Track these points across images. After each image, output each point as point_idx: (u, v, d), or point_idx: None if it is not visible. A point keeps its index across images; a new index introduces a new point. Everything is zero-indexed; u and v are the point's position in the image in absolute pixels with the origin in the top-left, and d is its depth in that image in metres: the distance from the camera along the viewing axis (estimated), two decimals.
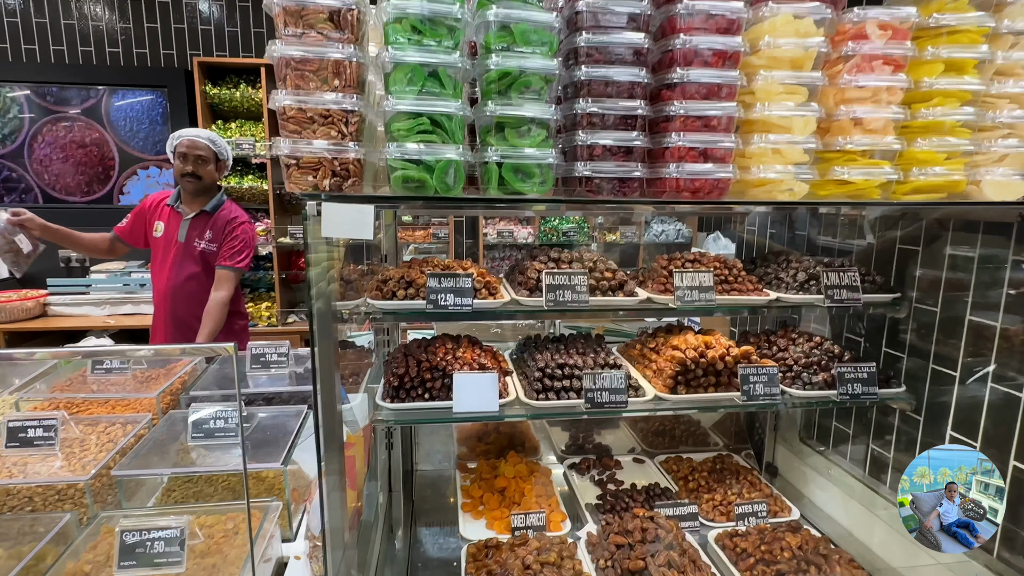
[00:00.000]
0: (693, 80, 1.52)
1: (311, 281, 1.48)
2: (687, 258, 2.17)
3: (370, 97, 1.59)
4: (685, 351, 1.99)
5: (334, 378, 1.58)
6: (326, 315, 1.54)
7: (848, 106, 1.61)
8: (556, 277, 1.86)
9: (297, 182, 1.43)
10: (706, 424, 2.89)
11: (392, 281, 1.94)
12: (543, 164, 1.56)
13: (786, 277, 2.23)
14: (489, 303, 1.86)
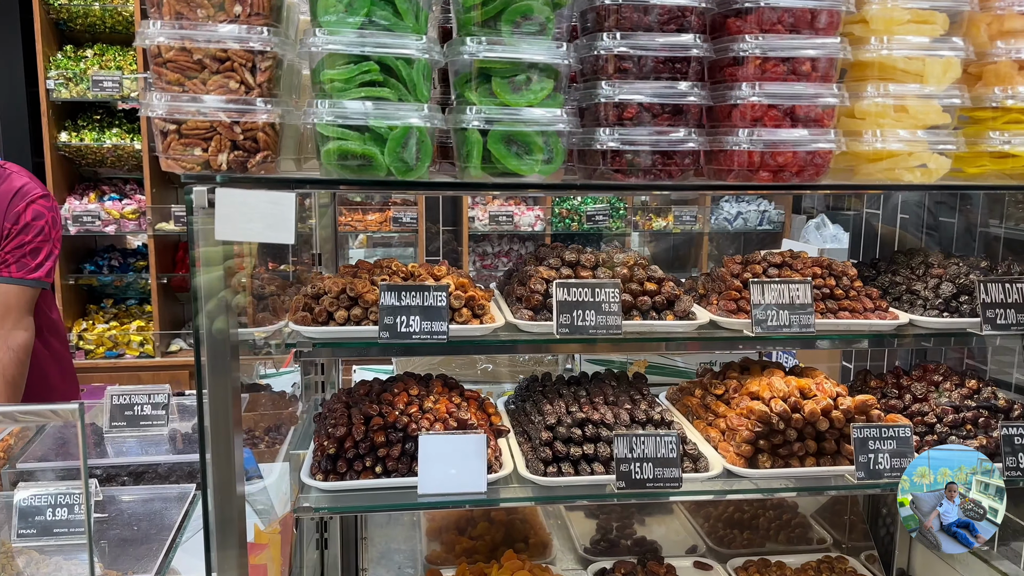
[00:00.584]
0: (774, 2, 1.55)
1: (198, 298, 1.51)
2: (771, 261, 2.19)
3: (290, 29, 1.62)
4: (770, 402, 2.01)
5: (232, 442, 1.61)
6: (222, 348, 1.56)
7: (1009, 42, 1.64)
8: (573, 291, 1.89)
9: (178, 157, 1.46)
10: (805, 511, 2.90)
11: (328, 297, 1.96)
12: (549, 132, 1.59)
13: (924, 290, 2.25)
14: (473, 330, 1.89)
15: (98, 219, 5.11)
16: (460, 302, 1.95)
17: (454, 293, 1.94)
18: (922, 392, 2.25)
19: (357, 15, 1.45)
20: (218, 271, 1.54)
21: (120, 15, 5.00)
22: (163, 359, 5.20)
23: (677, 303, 2.00)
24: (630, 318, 1.94)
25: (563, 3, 1.58)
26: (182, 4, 1.40)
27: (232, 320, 1.58)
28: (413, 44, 1.49)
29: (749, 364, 2.41)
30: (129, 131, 5.16)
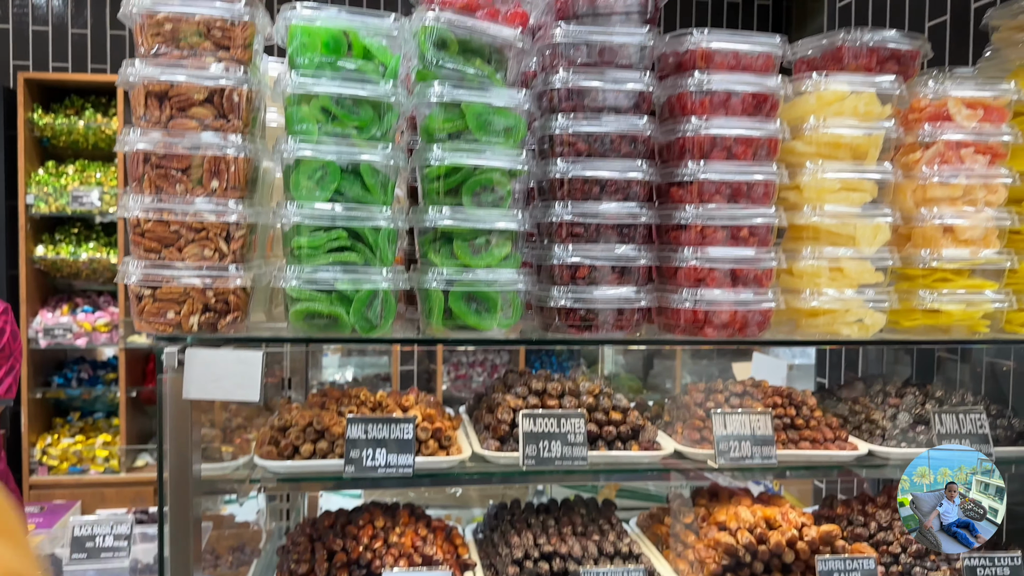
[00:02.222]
0: (712, 177, 1.70)
1: (163, 445, 1.57)
2: (733, 390, 2.29)
3: (264, 192, 1.75)
4: (736, 532, 2.05)
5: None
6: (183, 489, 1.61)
7: (932, 208, 1.80)
8: (539, 422, 1.94)
9: (152, 320, 1.55)
10: None
11: (295, 430, 2.02)
12: (508, 291, 1.71)
13: (882, 420, 2.35)
14: (439, 462, 1.94)
15: (69, 332, 5.15)
16: (427, 434, 2.00)
17: (421, 425, 2.00)
18: (887, 520, 2.29)
19: (327, 190, 1.58)
20: (185, 421, 1.61)
21: (103, 132, 5.19)
22: (128, 475, 5.14)
23: (642, 433, 2.06)
24: (596, 448, 2.00)
25: (519, 174, 1.72)
26: (162, 179, 1.53)
27: (196, 457, 1.63)
28: (380, 215, 1.61)
29: (718, 490, 2.46)
30: (106, 244, 5.26)
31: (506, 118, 1.69)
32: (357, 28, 1.58)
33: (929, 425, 2.15)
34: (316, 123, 1.58)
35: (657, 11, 1.75)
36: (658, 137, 1.80)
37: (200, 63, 1.51)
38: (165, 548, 1.63)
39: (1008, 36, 2.22)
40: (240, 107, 1.54)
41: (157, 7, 1.48)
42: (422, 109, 1.68)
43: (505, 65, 1.73)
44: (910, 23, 3.53)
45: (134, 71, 1.49)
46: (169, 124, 1.52)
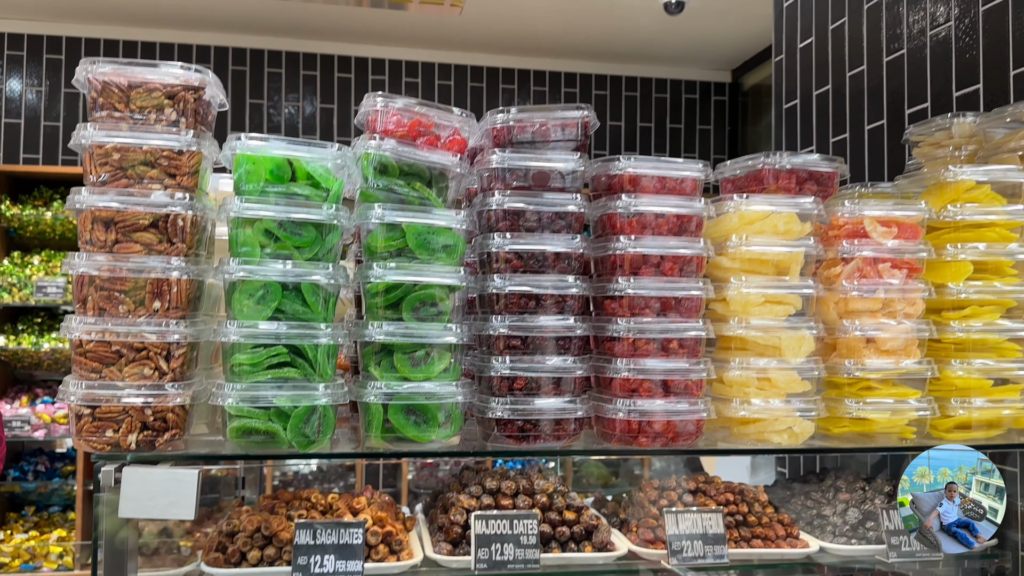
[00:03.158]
0: (642, 292, 1.78)
1: (96, 562, 1.56)
2: (686, 487, 2.32)
3: (211, 306, 1.80)
4: None
5: None
6: None
7: (854, 320, 1.88)
8: (491, 524, 1.93)
9: (90, 439, 1.57)
10: None
11: (242, 536, 2.01)
12: (448, 402, 1.75)
13: (832, 515, 2.38)
14: (389, 568, 1.93)
15: (28, 424, 5.08)
16: (377, 538, 2.00)
17: (371, 529, 2.00)
18: None
19: (268, 308, 1.64)
20: (123, 536, 1.61)
21: (71, 223, 5.24)
22: (82, 571, 5.00)
23: (595, 534, 2.07)
24: (549, 549, 2.01)
25: (458, 289, 1.79)
26: (106, 301, 1.57)
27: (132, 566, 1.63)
28: (320, 332, 1.66)
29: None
30: None
31: (445, 236, 1.77)
32: (300, 156, 1.67)
33: (878, 522, 2.19)
34: (259, 245, 1.64)
35: (587, 139, 1.86)
36: (591, 253, 1.88)
37: (146, 190, 1.58)
38: None
39: (927, 152, 2.36)
40: (184, 231, 1.60)
41: (106, 139, 1.56)
42: (365, 228, 1.75)
43: (445, 187, 1.82)
44: (850, 126, 3.73)
45: (81, 199, 1.55)
46: (114, 248, 1.57)
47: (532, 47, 6.66)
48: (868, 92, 3.63)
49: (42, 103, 5.89)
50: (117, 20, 5.97)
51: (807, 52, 4.08)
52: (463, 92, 6.73)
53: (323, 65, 6.52)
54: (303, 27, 6.22)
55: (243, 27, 6.20)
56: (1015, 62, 2.79)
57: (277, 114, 6.44)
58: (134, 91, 1.57)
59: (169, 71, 1.59)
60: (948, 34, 3.12)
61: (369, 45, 6.56)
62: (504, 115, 1.83)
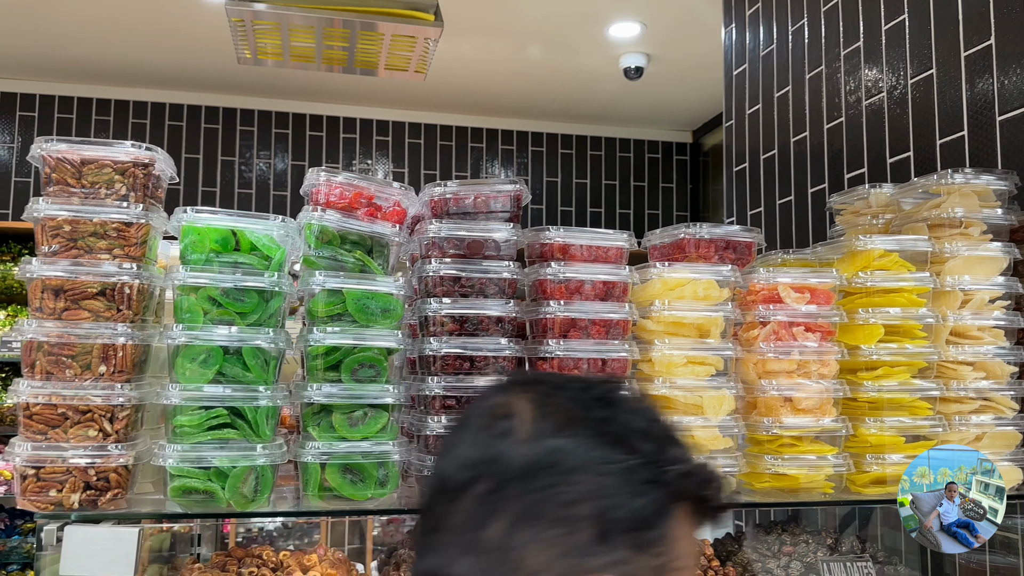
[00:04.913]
0: (571, 354, 1.89)
1: None
2: None
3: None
4: None
5: None
6: None
7: (771, 380, 2.00)
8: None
9: (34, 499, 1.63)
10: None
11: None
12: (385, 461, 1.83)
13: (776, 568, 2.46)
14: None
15: None
16: None
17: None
18: None
19: (210, 372, 1.72)
20: None
21: None
22: None
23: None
24: None
25: (396, 350, 1.88)
26: (53, 365, 1.65)
27: None
28: (260, 393, 1.75)
29: None
30: None
31: (384, 301, 1.87)
32: (244, 227, 1.77)
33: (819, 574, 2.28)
34: (202, 311, 1.73)
35: (519, 210, 1.99)
36: (525, 316, 1.99)
37: (95, 260, 1.67)
38: None
39: (849, 219, 2.52)
40: (131, 298, 1.69)
41: (58, 211, 1.65)
42: (308, 293, 1.85)
43: (384, 254, 1.93)
44: (795, 189, 3.90)
45: (31, 268, 1.64)
46: (63, 315, 1.65)
47: (499, 108, 6.87)
48: (811, 156, 3.82)
49: (14, 159, 5.98)
50: (91, 79, 6.10)
51: (755, 118, 4.29)
52: (433, 150, 6.91)
53: (295, 123, 6.68)
54: (275, 87, 6.39)
55: (216, 87, 6.36)
56: (941, 132, 2.98)
57: (249, 170, 6.57)
58: (86, 167, 1.68)
59: (121, 149, 1.70)
60: (881, 104, 3.32)
61: (341, 104, 6.74)
62: (441, 188, 1.95)
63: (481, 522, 0.81)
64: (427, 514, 0.89)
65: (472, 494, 0.83)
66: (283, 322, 1.86)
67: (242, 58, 4.00)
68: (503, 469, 0.82)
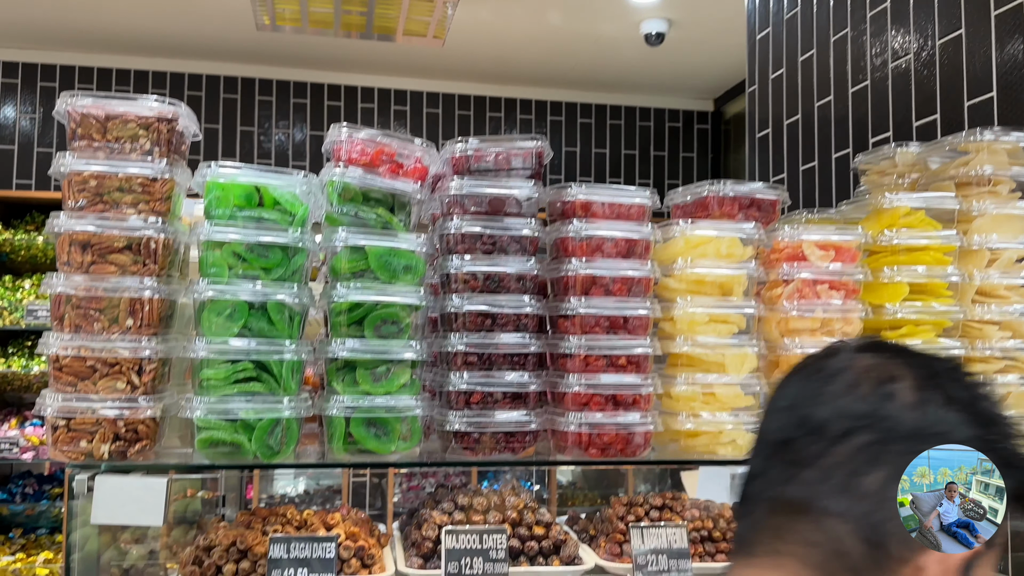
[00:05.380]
0: (593, 311, 1.89)
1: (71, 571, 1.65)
2: (653, 503, 2.39)
3: (178, 328, 1.91)
4: None
5: None
6: None
7: (794, 338, 1.99)
8: (461, 538, 2.00)
9: (65, 449, 1.67)
10: None
11: (218, 550, 2.08)
12: (407, 415, 1.85)
13: None
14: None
15: (16, 446, 5.14)
16: (349, 552, 2.07)
17: (343, 544, 2.07)
18: None
19: (235, 326, 1.74)
20: (94, 547, 1.70)
21: None
22: None
23: (563, 548, 2.14)
24: (518, 563, 2.07)
25: (418, 308, 1.90)
26: (82, 319, 1.68)
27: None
28: (285, 348, 1.77)
29: None
30: None
31: (406, 259, 1.88)
32: (268, 183, 1.78)
33: None
34: (227, 266, 1.75)
35: (541, 167, 1.98)
36: (546, 274, 2.00)
37: (121, 215, 1.69)
38: None
39: (874, 179, 2.49)
40: (157, 253, 1.71)
41: (84, 167, 1.67)
42: (330, 250, 1.86)
43: (406, 211, 1.94)
44: (819, 154, 3.86)
45: (59, 223, 1.66)
46: (90, 269, 1.68)
47: (517, 76, 6.83)
48: (835, 121, 3.77)
49: (36, 130, 6.03)
50: (111, 49, 6.13)
51: (778, 83, 4.23)
52: (451, 120, 6.89)
53: (313, 93, 6.68)
54: (294, 56, 6.38)
55: (235, 56, 6.36)
56: (969, 93, 2.93)
57: (267, 141, 6.58)
58: (111, 122, 1.69)
59: (144, 104, 1.71)
60: (908, 66, 3.26)
61: (359, 74, 6.72)
62: (463, 145, 1.95)
63: (860, 469, 0.91)
64: (789, 449, 0.96)
65: (854, 443, 0.92)
66: (307, 279, 1.87)
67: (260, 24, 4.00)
68: (889, 427, 0.92)
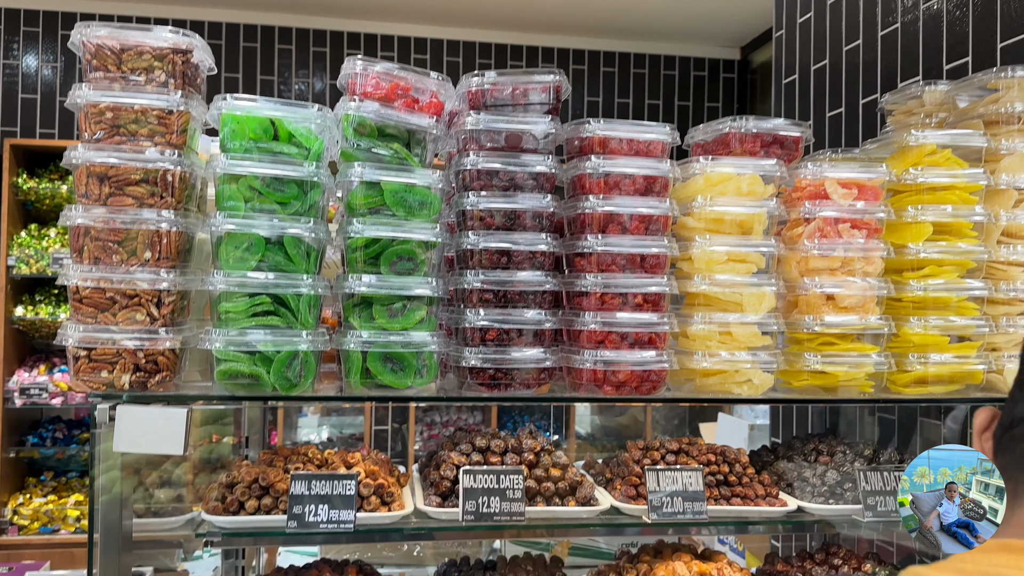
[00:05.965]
0: (610, 249, 1.88)
1: (95, 501, 1.69)
2: (669, 448, 2.40)
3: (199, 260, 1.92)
4: None
5: None
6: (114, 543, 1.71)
7: (814, 278, 1.97)
8: (479, 478, 2.03)
9: (86, 379, 1.70)
10: None
11: (241, 486, 2.12)
12: (423, 351, 1.86)
13: (812, 477, 2.47)
14: (380, 518, 2.02)
15: (45, 391, 5.26)
16: (369, 490, 2.10)
17: (363, 481, 2.10)
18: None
19: (252, 260, 1.75)
20: (116, 476, 1.74)
21: None
22: None
23: (579, 489, 2.16)
24: (535, 504, 2.09)
25: (434, 245, 1.89)
26: (100, 251, 1.69)
27: (127, 513, 1.75)
28: (302, 282, 1.78)
29: (662, 547, 2.55)
30: None
31: (421, 195, 1.88)
32: (283, 117, 1.77)
33: (855, 483, 2.26)
34: (244, 200, 1.76)
35: (559, 103, 1.95)
36: (563, 212, 1.98)
37: (138, 147, 1.69)
38: None
39: (900, 120, 2.43)
40: (173, 186, 1.72)
41: (100, 98, 1.67)
42: (345, 186, 1.86)
43: (422, 147, 1.92)
44: (846, 100, 3.78)
45: (77, 154, 1.67)
46: (108, 201, 1.69)
47: (539, 23, 6.71)
48: (863, 66, 3.68)
49: (58, 79, 6.04)
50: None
51: (806, 27, 4.13)
52: (471, 69, 6.81)
53: (333, 42, 6.62)
54: (314, 4, 6.32)
55: (255, 4, 6.31)
56: (1002, 34, 2.83)
57: (288, 90, 6.55)
58: (126, 53, 1.69)
59: (159, 35, 1.70)
60: (940, 7, 3.16)
61: (378, 22, 6.64)
62: (479, 79, 1.93)
63: None
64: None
65: None
66: (323, 215, 1.87)
67: None
68: None
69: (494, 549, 3.68)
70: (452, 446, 2.32)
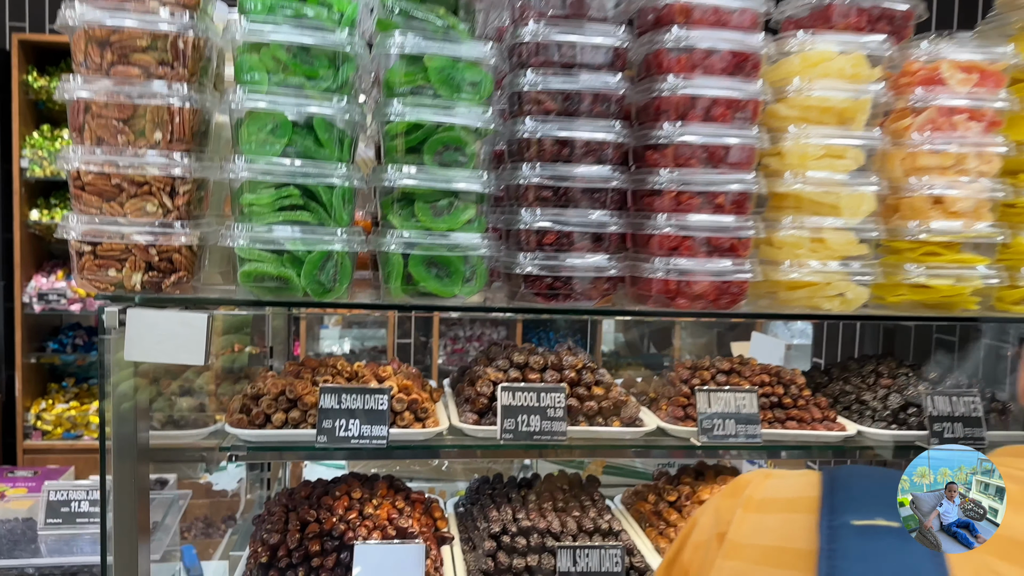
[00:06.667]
0: (688, 139, 1.61)
1: (106, 411, 1.52)
2: (720, 368, 2.22)
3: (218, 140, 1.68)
4: None
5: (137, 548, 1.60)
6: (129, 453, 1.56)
7: (922, 177, 1.70)
8: (518, 395, 1.89)
9: (92, 278, 1.48)
10: None
11: (267, 398, 1.97)
12: (471, 255, 1.63)
13: (872, 401, 2.27)
14: (414, 434, 1.89)
15: (64, 297, 5.12)
16: (402, 405, 1.96)
17: (396, 396, 1.95)
18: None
19: (278, 144, 1.51)
20: (129, 383, 1.55)
21: None
22: None
23: (624, 409, 2.02)
24: (576, 423, 1.95)
25: (486, 133, 1.64)
26: (103, 130, 1.45)
27: (143, 424, 1.59)
28: (334, 172, 1.54)
29: (704, 469, 2.42)
30: None
31: (472, 73, 1.61)
32: None
33: (921, 407, 2.09)
34: (267, 72, 1.50)
35: None
36: (633, 98, 1.71)
37: (144, 7, 1.43)
38: (108, 520, 1.58)
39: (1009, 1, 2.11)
40: (186, 55, 1.46)
41: None
42: (382, 61, 1.60)
43: (472, 16, 1.64)
44: None
45: (74, 14, 1.41)
46: (111, 71, 1.44)
47: None
48: None
49: None
50: None
51: None
52: None
53: None
54: None
55: None
56: None
57: None
58: None
59: None
60: None
61: None
62: None
63: None
64: None
65: None
66: (357, 95, 1.62)
67: None
68: None
69: (526, 466, 3.58)
70: (488, 361, 2.16)
